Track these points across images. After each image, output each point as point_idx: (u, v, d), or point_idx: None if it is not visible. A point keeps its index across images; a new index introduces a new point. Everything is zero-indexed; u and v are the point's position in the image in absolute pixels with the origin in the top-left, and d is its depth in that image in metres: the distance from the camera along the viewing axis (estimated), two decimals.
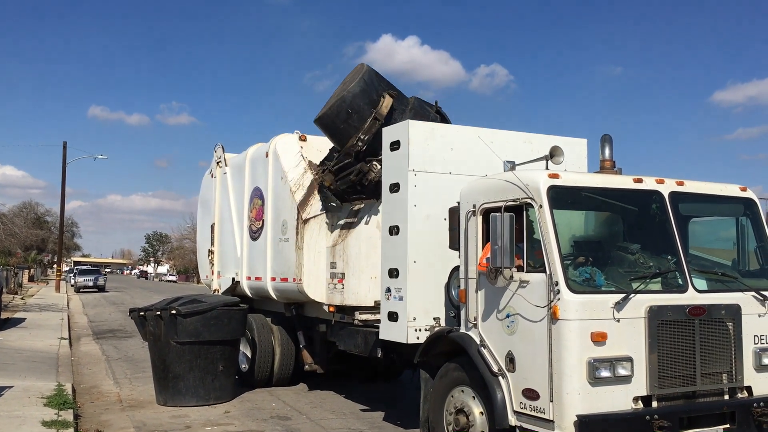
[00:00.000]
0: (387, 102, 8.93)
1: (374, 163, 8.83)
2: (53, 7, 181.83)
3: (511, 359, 6.11)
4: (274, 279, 10.84)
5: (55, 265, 56.83)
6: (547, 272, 5.78)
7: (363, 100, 9.01)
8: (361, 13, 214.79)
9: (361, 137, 8.91)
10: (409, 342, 7.47)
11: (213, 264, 13.36)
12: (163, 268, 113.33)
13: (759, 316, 6.39)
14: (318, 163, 10.61)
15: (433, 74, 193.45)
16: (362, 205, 9.66)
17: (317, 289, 9.91)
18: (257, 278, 11.39)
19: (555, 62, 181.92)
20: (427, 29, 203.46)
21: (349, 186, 9.30)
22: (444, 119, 9.28)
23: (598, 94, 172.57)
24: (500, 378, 6.18)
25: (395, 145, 7.81)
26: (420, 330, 7.46)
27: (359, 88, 9.03)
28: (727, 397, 6.17)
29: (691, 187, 6.64)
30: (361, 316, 9.10)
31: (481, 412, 6.46)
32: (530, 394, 5.88)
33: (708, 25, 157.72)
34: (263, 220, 11.28)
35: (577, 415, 5.48)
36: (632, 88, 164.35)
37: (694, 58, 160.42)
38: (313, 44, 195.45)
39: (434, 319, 7.46)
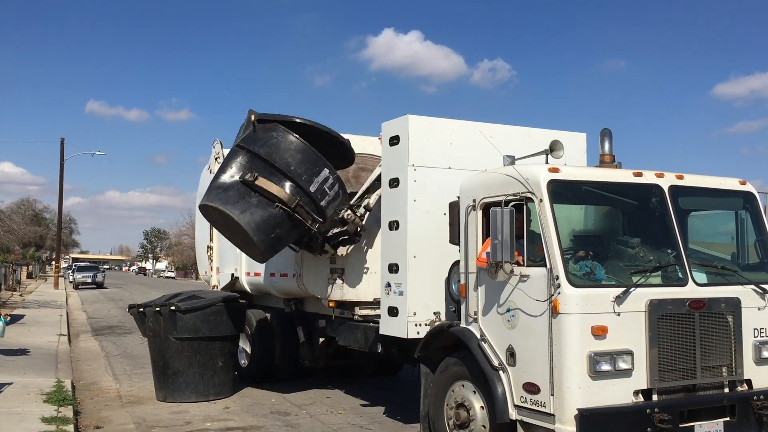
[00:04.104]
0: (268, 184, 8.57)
1: (349, 212, 8.84)
2: (51, 3, 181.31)
3: (511, 353, 6.11)
4: (273, 274, 10.82)
5: (53, 262, 56.83)
6: (548, 266, 5.78)
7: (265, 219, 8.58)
8: (363, 6, 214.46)
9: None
10: (409, 337, 7.47)
11: (212, 260, 13.33)
12: (161, 265, 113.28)
13: (759, 309, 6.41)
14: None
15: (434, 69, 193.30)
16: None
17: (317, 285, 9.90)
18: (256, 274, 11.37)
19: (558, 57, 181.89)
20: (430, 24, 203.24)
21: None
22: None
23: (600, 89, 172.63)
24: (501, 372, 6.19)
25: (394, 140, 7.80)
26: (420, 325, 7.46)
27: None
28: (727, 390, 6.19)
29: (691, 180, 6.64)
30: (361, 312, 9.10)
31: (482, 407, 6.47)
32: (531, 388, 5.88)
33: (710, 17, 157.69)
34: None
35: (577, 409, 5.49)
36: (634, 82, 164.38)
37: (696, 51, 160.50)
38: (313, 38, 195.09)
39: (434, 313, 7.46)
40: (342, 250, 9.40)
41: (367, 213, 9.03)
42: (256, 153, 8.61)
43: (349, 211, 8.91)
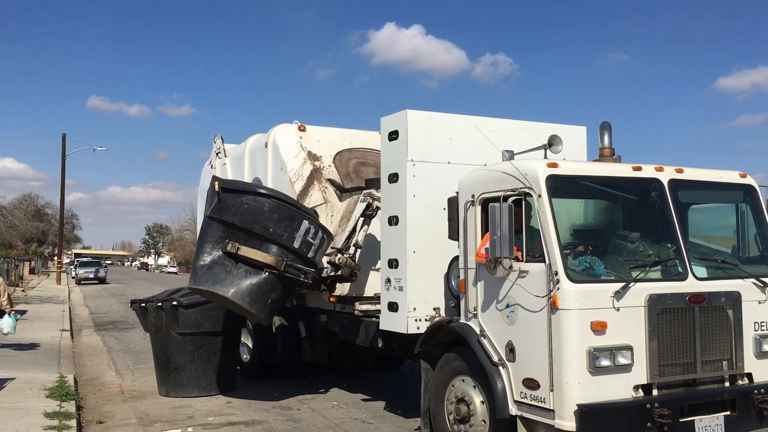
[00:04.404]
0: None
1: (339, 256, 8.83)
2: None
3: (511, 349, 6.12)
4: None
5: (55, 258, 56.94)
6: (547, 262, 5.77)
7: None
8: (364, 0, 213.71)
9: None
10: (409, 332, 7.48)
11: None
12: (163, 260, 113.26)
13: (759, 302, 6.39)
14: (317, 153, 10.60)
15: (436, 63, 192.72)
16: (362, 196, 9.64)
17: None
18: None
19: (560, 51, 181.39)
20: (432, 18, 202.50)
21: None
22: None
23: (602, 83, 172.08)
24: (500, 368, 6.19)
25: (393, 135, 7.78)
26: (420, 320, 7.46)
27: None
28: (727, 384, 6.18)
29: (691, 174, 6.62)
30: (361, 307, 9.11)
31: (482, 402, 6.48)
32: (530, 383, 5.89)
33: (713, 10, 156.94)
34: None
35: (577, 404, 5.50)
36: (636, 76, 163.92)
37: (698, 45, 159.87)
38: (315, 33, 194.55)
39: (434, 309, 7.46)
40: (340, 288, 9.45)
41: (359, 250, 9.01)
42: (230, 222, 8.53)
43: (339, 255, 8.92)
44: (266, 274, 8.54)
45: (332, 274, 9.04)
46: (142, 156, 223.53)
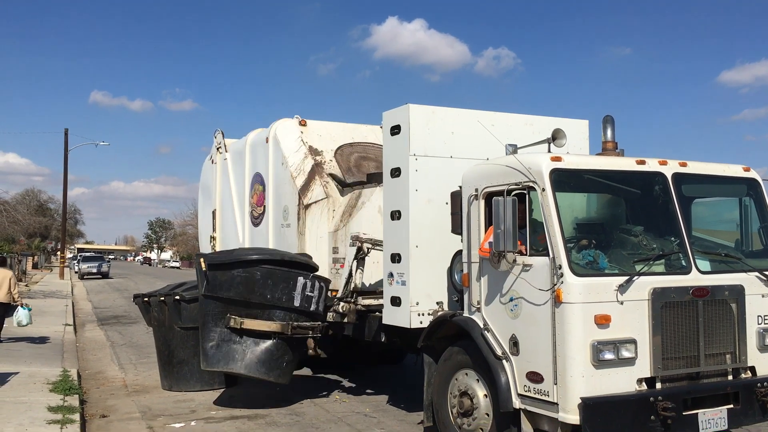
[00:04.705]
0: None
1: (343, 304, 8.85)
2: None
3: (514, 342, 6.11)
4: None
5: (58, 252, 57.02)
6: (550, 255, 5.77)
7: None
8: None
9: None
10: (412, 326, 7.47)
11: (215, 250, 13.36)
12: (166, 255, 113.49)
13: (762, 296, 6.38)
14: (318, 148, 10.58)
15: (438, 57, 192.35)
16: (364, 190, 9.64)
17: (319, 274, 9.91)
18: None
19: (563, 44, 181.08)
20: (435, 12, 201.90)
21: None
22: None
23: (605, 76, 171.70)
24: (504, 361, 6.19)
25: (395, 130, 7.76)
26: (423, 314, 7.46)
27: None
28: (730, 377, 6.18)
29: (694, 168, 6.60)
30: (363, 301, 9.11)
31: (486, 395, 6.48)
32: (534, 377, 5.89)
33: (716, 4, 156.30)
34: (264, 206, 11.26)
35: (581, 398, 5.49)
36: (640, 70, 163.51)
37: (701, 38, 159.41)
38: (317, 27, 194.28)
39: (437, 303, 7.46)
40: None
41: (360, 298, 9.00)
42: (227, 298, 8.59)
43: (342, 303, 8.94)
44: (275, 340, 8.65)
45: (339, 321, 9.07)
46: (145, 151, 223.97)
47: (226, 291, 8.61)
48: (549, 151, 6.52)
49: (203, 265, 8.67)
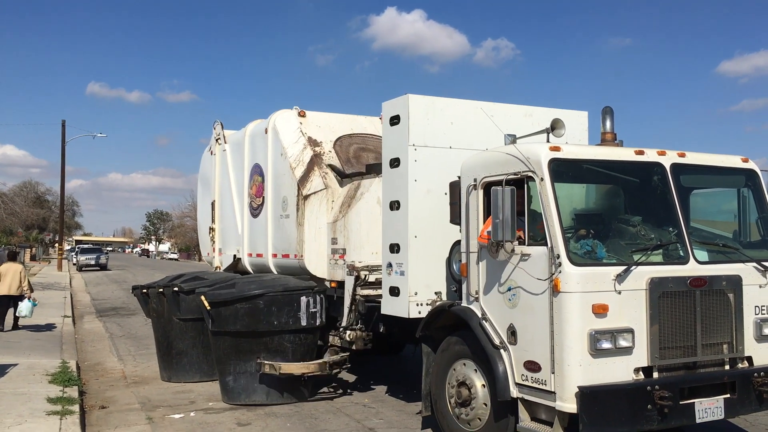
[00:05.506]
0: None
1: (349, 332, 9.02)
2: None
3: (512, 332, 6.13)
4: (275, 255, 10.86)
5: (56, 244, 57.01)
6: (549, 245, 5.78)
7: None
8: None
9: None
10: (410, 316, 7.50)
11: (214, 241, 13.37)
12: (164, 246, 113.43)
13: (760, 286, 6.40)
14: (317, 139, 10.58)
15: (437, 48, 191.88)
16: (363, 181, 9.64)
17: (319, 265, 9.93)
18: (258, 255, 11.40)
19: (562, 35, 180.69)
20: (434, 2, 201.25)
21: None
22: None
23: (605, 67, 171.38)
24: (502, 351, 6.22)
25: (395, 120, 7.76)
26: (421, 304, 7.48)
27: None
28: (727, 367, 6.20)
29: (693, 158, 6.61)
30: (362, 291, 9.13)
31: (483, 385, 6.51)
32: (532, 366, 5.91)
33: None
34: (263, 197, 11.26)
35: (578, 387, 5.52)
36: (639, 60, 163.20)
37: (701, 29, 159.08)
38: (315, 18, 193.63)
39: (435, 293, 7.48)
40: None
41: (363, 325, 9.06)
42: (236, 331, 8.74)
43: (348, 332, 9.03)
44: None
45: (348, 348, 9.18)
46: (142, 142, 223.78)
47: (232, 325, 8.75)
48: (548, 141, 6.52)
49: (206, 304, 8.85)
